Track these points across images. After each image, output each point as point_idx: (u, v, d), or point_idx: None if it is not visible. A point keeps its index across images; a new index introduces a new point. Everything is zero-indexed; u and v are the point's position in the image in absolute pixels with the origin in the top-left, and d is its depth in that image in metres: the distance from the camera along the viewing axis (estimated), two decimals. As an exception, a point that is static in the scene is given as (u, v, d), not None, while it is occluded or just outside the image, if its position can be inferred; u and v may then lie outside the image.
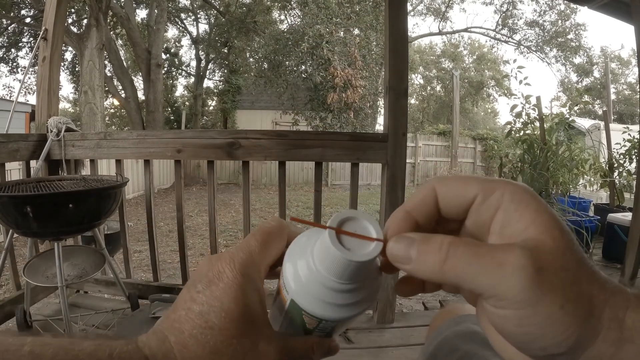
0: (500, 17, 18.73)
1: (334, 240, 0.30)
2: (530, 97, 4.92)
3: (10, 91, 15.50)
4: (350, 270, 0.30)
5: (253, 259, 0.34)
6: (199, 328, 0.30)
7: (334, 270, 0.31)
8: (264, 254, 0.35)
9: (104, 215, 1.83)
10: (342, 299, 0.32)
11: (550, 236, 0.26)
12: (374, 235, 0.31)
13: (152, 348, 0.30)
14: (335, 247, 0.30)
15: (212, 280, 0.32)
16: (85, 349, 0.28)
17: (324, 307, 0.33)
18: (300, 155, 2.18)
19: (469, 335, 0.71)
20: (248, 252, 0.34)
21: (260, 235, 0.36)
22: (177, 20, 17.56)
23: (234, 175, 12.96)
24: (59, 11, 2.38)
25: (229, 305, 0.31)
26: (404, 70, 2.10)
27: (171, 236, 5.79)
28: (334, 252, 0.30)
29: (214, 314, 0.31)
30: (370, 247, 0.31)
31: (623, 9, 2.90)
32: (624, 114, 24.21)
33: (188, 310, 0.31)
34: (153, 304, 2.02)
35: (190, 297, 0.32)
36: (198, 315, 0.31)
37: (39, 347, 0.27)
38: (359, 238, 0.31)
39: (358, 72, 10.66)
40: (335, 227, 0.31)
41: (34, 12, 12.11)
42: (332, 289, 0.32)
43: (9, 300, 2.19)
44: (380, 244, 0.31)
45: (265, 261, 0.35)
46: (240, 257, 0.34)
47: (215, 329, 0.30)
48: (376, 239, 0.31)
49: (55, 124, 2.27)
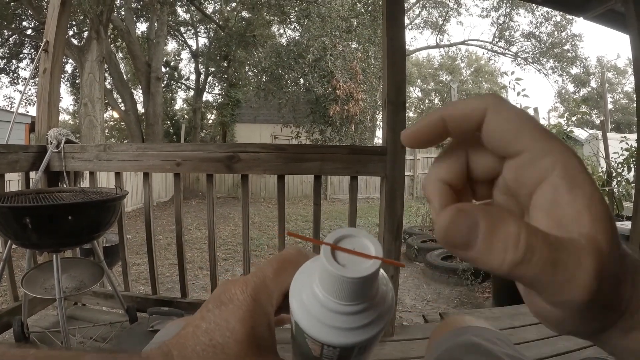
0: (497, 30, 18.92)
1: (328, 257, 0.29)
2: (528, 108, 4.94)
3: (10, 102, 15.56)
4: (348, 290, 0.29)
5: (266, 284, 0.34)
6: (202, 345, 0.30)
7: (330, 289, 0.30)
8: (277, 280, 0.35)
9: (103, 227, 1.83)
10: (344, 322, 0.30)
11: (606, 236, 0.23)
12: (372, 253, 0.30)
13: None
14: (328, 263, 0.28)
15: (222, 301, 0.32)
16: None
17: (324, 330, 0.31)
18: (299, 168, 2.18)
19: (470, 348, 0.71)
20: (262, 277, 0.34)
21: (277, 263, 0.36)
22: (177, 33, 17.69)
23: (233, 189, 12.96)
24: (60, 23, 2.40)
25: (235, 325, 0.31)
26: (402, 83, 2.11)
27: (170, 249, 5.77)
28: (328, 270, 0.28)
29: (218, 333, 0.31)
30: (367, 263, 0.29)
31: (618, 19, 2.93)
32: (622, 123, 24.33)
33: (195, 327, 0.32)
34: (151, 317, 2.00)
35: (200, 315, 0.32)
36: (203, 333, 0.31)
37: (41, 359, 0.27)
38: (356, 255, 0.29)
39: (359, 86, 10.73)
40: (330, 243, 0.30)
41: (35, 24, 12.20)
42: (332, 310, 0.30)
43: (7, 311, 2.17)
44: (379, 261, 0.29)
45: (279, 288, 0.35)
46: (254, 281, 0.34)
47: (218, 348, 0.30)
48: (374, 257, 0.29)
49: (55, 136, 2.28)
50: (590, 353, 1.86)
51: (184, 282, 2.38)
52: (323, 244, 0.29)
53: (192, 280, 4.53)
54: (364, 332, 0.31)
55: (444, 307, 3.72)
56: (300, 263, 0.35)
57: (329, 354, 0.32)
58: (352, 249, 0.30)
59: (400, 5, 2.10)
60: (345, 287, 0.29)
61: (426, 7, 19.67)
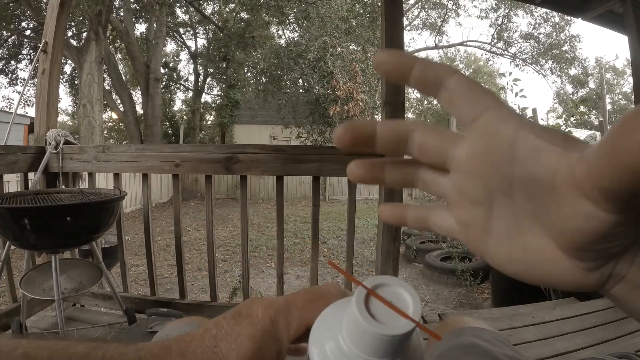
0: (495, 31, 18.94)
1: (360, 304, 0.26)
2: (526, 109, 4.96)
3: (9, 103, 15.56)
4: (373, 343, 0.26)
5: (290, 311, 0.33)
6: (204, 348, 0.30)
7: (355, 339, 0.27)
8: (304, 311, 0.33)
9: (101, 228, 1.83)
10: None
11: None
12: (410, 309, 0.27)
13: (150, 351, 0.30)
14: (359, 311, 0.26)
15: (241, 314, 0.32)
16: (79, 351, 0.28)
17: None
18: (298, 169, 2.18)
19: (468, 348, 0.71)
20: (289, 304, 0.33)
21: (311, 295, 0.35)
22: (175, 34, 17.68)
23: (231, 190, 12.95)
24: (59, 24, 2.40)
25: (243, 339, 0.30)
26: (401, 84, 2.11)
27: (169, 250, 5.76)
28: (357, 317, 0.26)
29: (225, 342, 0.30)
30: (401, 321, 0.26)
31: (617, 19, 2.93)
32: (620, 125, 24.35)
33: (206, 330, 0.32)
34: (150, 318, 2.00)
35: (216, 321, 0.32)
36: (211, 338, 0.31)
37: (34, 350, 0.27)
38: (393, 309, 0.27)
39: (359, 87, 10.74)
40: (367, 287, 0.27)
41: (34, 25, 12.19)
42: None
43: (5, 312, 2.16)
44: (413, 324, 0.26)
45: (304, 319, 0.33)
46: (279, 305, 0.33)
47: (218, 355, 0.30)
48: (410, 318, 0.26)
49: (53, 137, 2.28)
50: (590, 353, 1.86)
51: (182, 283, 2.38)
52: (360, 286, 0.27)
53: (191, 281, 4.52)
54: None
55: (442, 307, 3.72)
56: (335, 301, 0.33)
57: None
58: (390, 300, 0.27)
59: (399, 7, 2.11)
60: (370, 340, 0.26)
61: (425, 8, 19.69)
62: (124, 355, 0.29)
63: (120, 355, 0.29)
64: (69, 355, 0.28)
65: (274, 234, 6.71)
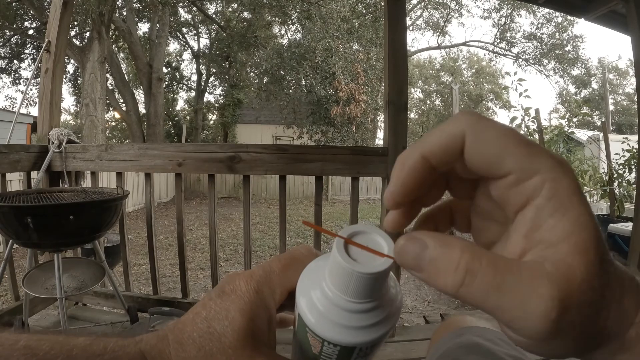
0: (498, 31, 18.93)
1: (341, 250, 0.28)
2: (529, 109, 4.95)
3: (12, 102, 15.58)
4: (357, 286, 0.28)
5: (271, 279, 0.34)
6: (199, 331, 0.31)
7: (339, 284, 0.29)
8: (283, 276, 0.34)
9: (104, 227, 1.83)
10: (348, 319, 0.29)
11: (585, 261, 0.22)
12: (385, 251, 0.29)
13: (149, 343, 0.31)
14: (340, 256, 0.27)
15: (225, 291, 0.33)
16: (80, 343, 0.29)
17: (327, 326, 0.30)
18: (301, 169, 2.18)
19: (471, 347, 0.71)
20: (268, 272, 0.34)
21: (285, 259, 0.35)
22: (178, 34, 17.72)
23: (234, 190, 12.97)
24: (62, 24, 2.40)
25: (234, 315, 0.31)
26: (403, 84, 2.11)
27: (171, 250, 5.77)
28: (339, 263, 0.27)
29: (217, 321, 0.31)
30: (379, 261, 0.28)
31: (620, 20, 2.93)
32: (623, 125, 24.30)
33: (195, 314, 0.32)
34: (152, 317, 2.01)
35: (202, 303, 0.33)
36: (203, 320, 0.31)
37: (35, 342, 0.28)
38: (369, 252, 0.28)
39: (361, 87, 10.74)
40: (344, 237, 0.29)
41: (37, 24, 12.24)
42: (337, 306, 0.29)
43: (8, 311, 2.17)
44: (391, 260, 0.28)
45: (284, 284, 0.34)
46: (259, 275, 0.34)
47: (214, 335, 0.31)
48: (387, 255, 0.28)
49: (56, 136, 2.28)
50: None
51: (185, 282, 2.38)
52: (337, 237, 0.29)
53: (193, 280, 4.53)
54: (368, 333, 0.30)
55: (445, 308, 3.71)
56: (309, 262, 0.35)
57: (328, 352, 0.31)
58: (366, 245, 0.29)
59: (402, 7, 2.10)
60: (354, 283, 0.28)
61: (427, 9, 19.68)
62: (124, 348, 0.30)
63: (121, 348, 0.30)
64: (70, 347, 0.28)
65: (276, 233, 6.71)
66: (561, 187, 0.23)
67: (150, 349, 0.31)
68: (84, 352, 0.28)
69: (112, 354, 0.29)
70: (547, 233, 0.23)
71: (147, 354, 0.30)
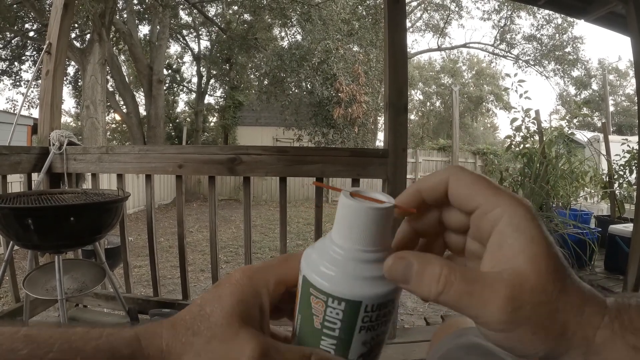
0: (498, 32, 18.94)
1: (348, 196, 0.31)
2: (529, 110, 4.94)
3: (13, 104, 15.59)
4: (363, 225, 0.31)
5: (267, 269, 0.36)
6: (191, 314, 0.33)
7: (345, 231, 0.31)
8: (280, 268, 0.36)
9: (104, 229, 1.83)
10: (352, 267, 0.31)
11: (535, 270, 0.28)
12: (385, 200, 0.32)
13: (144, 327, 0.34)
14: (348, 199, 0.31)
15: (221, 282, 0.35)
16: (78, 331, 0.31)
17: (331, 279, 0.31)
18: (301, 171, 2.18)
19: (470, 348, 0.71)
20: (266, 264, 0.37)
21: (284, 256, 0.38)
22: (179, 36, 17.73)
23: (234, 192, 12.98)
24: (63, 26, 2.41)
25: (225, 298, 0.33)
26: (403, 86, 2.11)
27: (171, 251, 5.77)
28: (348, 204, 0.31)
29: (209, 304, 0.33)
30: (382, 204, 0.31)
31: (619, 21, 2.93)
32: (623, 126, 24.29)
33: (193, 303, 0.35)
34: (153, 319, 2.00)
35: (200, 295, 0.35)
36: (197, 306, 0.34)
37: (35, 331, 0.30)
38: (372, 200, 0.32)
39: (362, 88, 10.74)
40: (350, 190, 0.32)
41: (38, 26, 12.24)
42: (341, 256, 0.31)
43: (8, 312, 2.18)
44: (393, 202, 0.32)
45: (280, 275, 0.36)
46: (256, 267, 0.36)
47: (204, 316, 0.33)
48: (387, 202, 0.32)
49: (57, 138, 2.29)
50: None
51: (185, 284, 2.38)
52: (343, 190, 0.32)
53: (194, 282, 4.52)
54: (373, 286, 0.31)
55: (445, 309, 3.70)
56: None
57: (332, 316, 0.31)
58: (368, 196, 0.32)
59: (402, 8, 2.11)
60: (362, 223, 0.31)
61: (427, 10, 19.71)
62: (120, 332, 0.32)
63: (117, 332, 0.32)
64: (69, 335, 0.30)
65: (276, 235, 6.71)
66: (517, 215, 0.30)
67: (144, 331, 0.33)
68: (82, 338, 0.30)
69: (108, 337, 0.31)
70: (507, 251, 0.30)
71: (141, 335, 0.32)
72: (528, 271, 0.28)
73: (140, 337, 0.32)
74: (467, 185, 0.32)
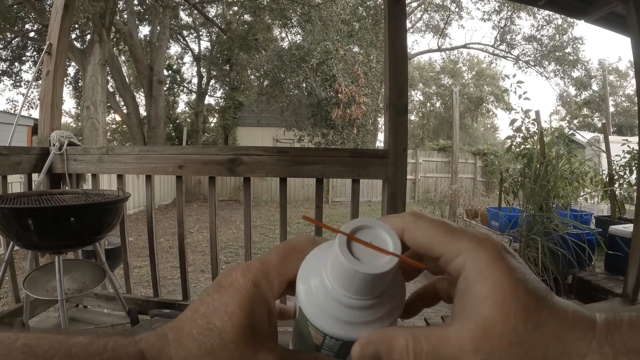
0: (498, 33, 18.93)
1: (343, 247, 0.28)
2: (529, 111, 4.93)
3: (13, 105, 15.60)
4: (359, 284, 0.28)
5: (268, 270, 0.34)
6: (198, 328, 0.31)
7: (341, 280, 0.29)
8: (282, 267, 0.34)
9: (105, 229, 1.83)
10: (350, 315, 0.30)
11: (503, 314, 0.27)
12: (390, 248, 0.29)
13: (149, 342, 0.31)
14: (343, 255, 0.28)
15: (222, 285, 0.33)
16: (79, 342, 0.29)
17: (329, 321, 0.30)
18: (301, 171, 2.18)
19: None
20: (265, 263, 0.34)
21: (283, 250, 0.35)
22: (179, 37, 17.75)
23: (234, 192, 12.99)
24: (63, 26, 2.41)
25: (233, 309, 0.31)
26: (403, 86, 2.11)
27: (171, 252, 5.77)
28: (341, 261, 0.27)
29: (217, 317, 0.31)
30: (384, 259, 0.28)
31: (619, 21, 2.93)
32: (623, 126, 24.29)
33: (194, 311, 0.32)
34: (153, 320, 2.01)
35: (200, 299, 0.33)
36: (202, 317, 0.31)
37: (34, 340, 0.28)
38: (373, 249, 0.29)
39: (361, 89, 10.74)
40: (347, 233, 0.29)
41: (38, 27, 12.26)
42: (339, 302, 0.29)
43: (8, 313, 2.17)
44: (396, 259, 0.28)
45: (282, 275, 0.34)
46: (256, 267, 0.34)
47: (214, 331, 0.30)
48: (392, 253, 0.28)
49: (57, 138, 2.29)
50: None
51: (185, 284, 2.38)
52: (339, 234, 0.29)
53: (194, 283, 4.53)
54: (370, 328, 0.30)
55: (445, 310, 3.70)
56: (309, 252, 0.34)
57: (330, 345, 0.31)
58: (370, 241, 0.29)
59: (402, 9, 2.11)
60: (357, 281, 0.28)
61: (428, 11, 19.71)
62: (124, 347, 0.30)
63: (120, 347, 0.30)
64: (69, 345, 0.28)
65: (277, 236, 6.71)
66: (479, 260, 0.29)
67: (150, 348, 0.31)
68: (84, 351, 0.28)
69: (112, 352, 0.29)
70: (474, 299, 0.28)
71: (147, 353, 0.30)
72: (495, 317, 0.27)
73: (147, 354, 0.30)
74: (423, 235, 0.31)
